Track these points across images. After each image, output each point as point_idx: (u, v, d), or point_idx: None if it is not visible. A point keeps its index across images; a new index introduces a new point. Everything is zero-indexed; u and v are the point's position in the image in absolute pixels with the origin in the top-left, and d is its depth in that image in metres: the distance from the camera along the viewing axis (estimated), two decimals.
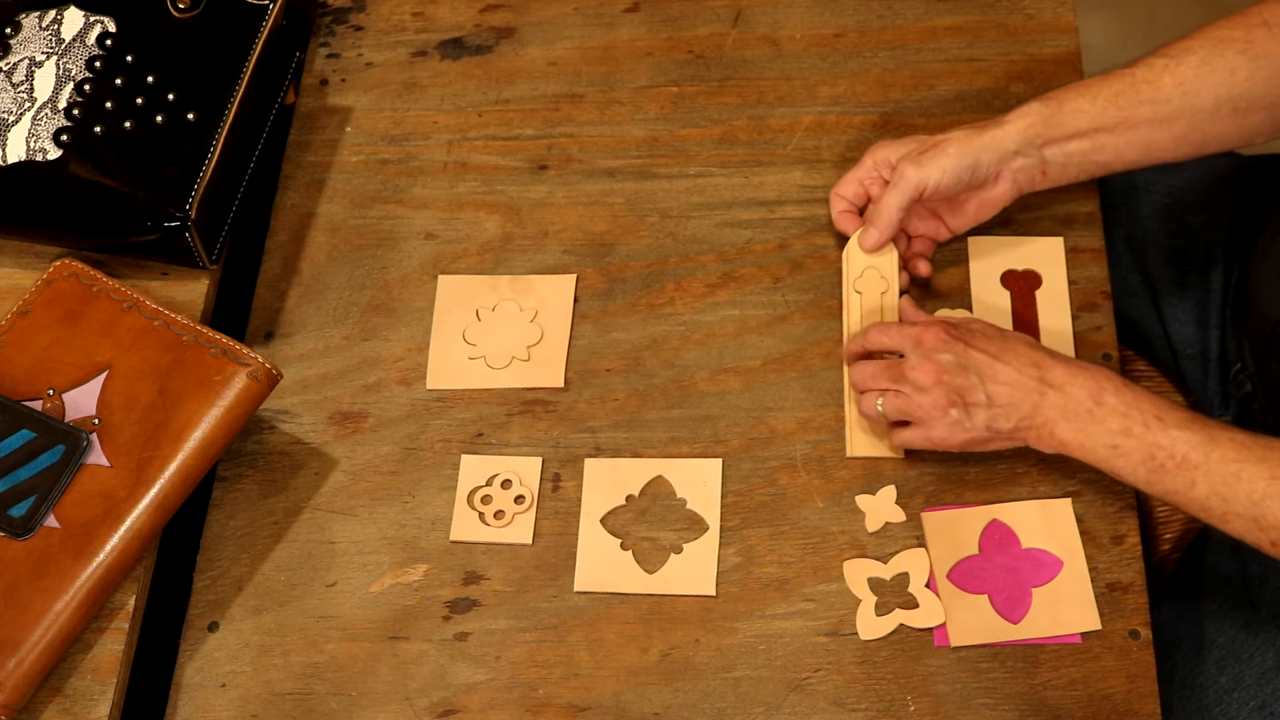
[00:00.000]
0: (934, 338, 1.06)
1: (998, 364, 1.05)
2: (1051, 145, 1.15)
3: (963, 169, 1.14)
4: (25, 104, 1.21)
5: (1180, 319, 1.30)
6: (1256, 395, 1.22)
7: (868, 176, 1.18)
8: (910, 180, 1.14)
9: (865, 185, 1.19)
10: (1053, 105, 1.15)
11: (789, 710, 1.05)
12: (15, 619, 1.05)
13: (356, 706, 1.08)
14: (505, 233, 1.26)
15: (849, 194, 1.19)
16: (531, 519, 1.13)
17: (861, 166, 1.19)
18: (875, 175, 1.18)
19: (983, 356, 1.05)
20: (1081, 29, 1.32)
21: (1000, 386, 1.04)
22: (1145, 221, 1.32)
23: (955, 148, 1.14)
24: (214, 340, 1.12)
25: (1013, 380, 1.04)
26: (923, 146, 1.15)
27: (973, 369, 1.05)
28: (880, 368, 1.10)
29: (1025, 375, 1.04)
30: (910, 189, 1.14)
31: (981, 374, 1.05)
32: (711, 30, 1.35)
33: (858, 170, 1.19)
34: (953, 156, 1.14)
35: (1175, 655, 1.16)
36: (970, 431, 1.06)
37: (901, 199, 1.14)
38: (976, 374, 1.05)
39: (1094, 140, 1.15)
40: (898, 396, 1.08)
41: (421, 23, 1.37)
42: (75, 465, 1.09)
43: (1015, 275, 1.20)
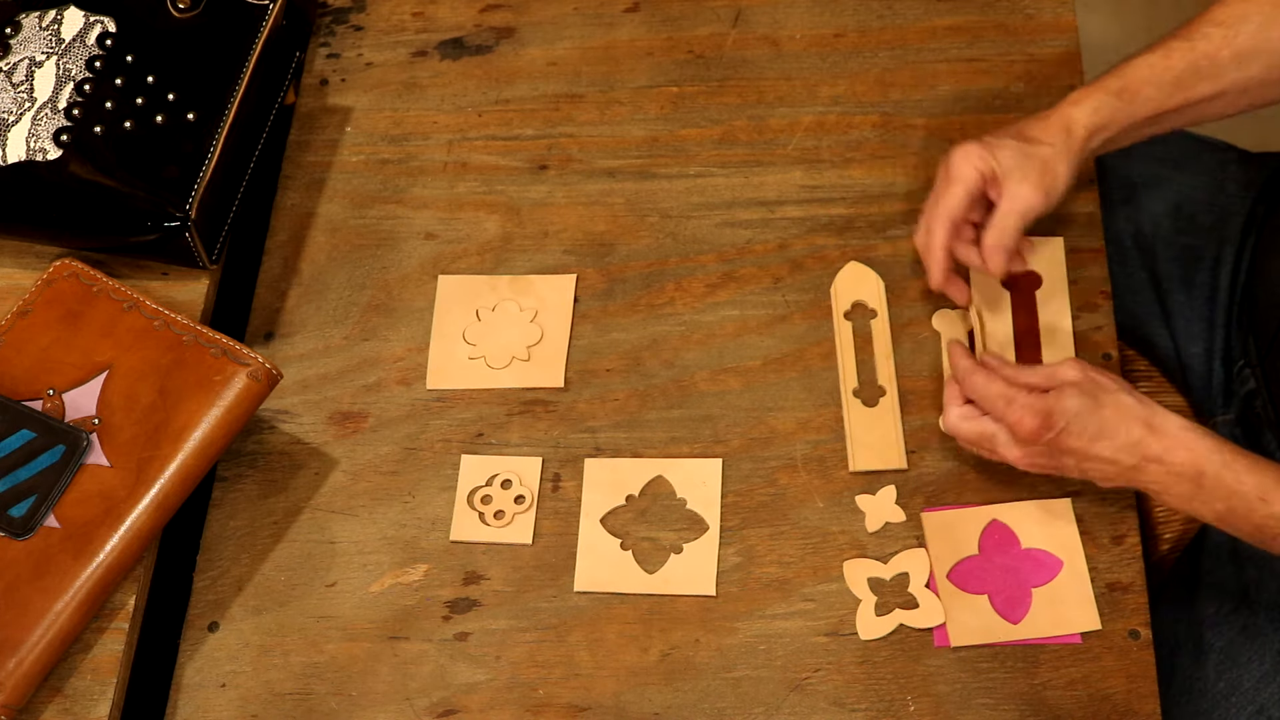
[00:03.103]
0: (1027, 431, 1.03)
1: (1094, 449, 1.03)
2: (1120, 135, 1.14)
3: (1072, 186, 1.13)
4: (25, 104, 1.21)
5: (1187, 317, 1.30)
6: (1260, 391, 1.22)
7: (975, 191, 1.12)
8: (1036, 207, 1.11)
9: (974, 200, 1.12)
10: (1125, 99, 1.12)
11: (789, 710, 1.05)
12: (15, 619, 1.05)
13: (356, 706, 1.08)
14: (505, 233, 1.26)
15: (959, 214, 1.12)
16: (531, 519, 1.13)
17: (964, 179, 1.11)
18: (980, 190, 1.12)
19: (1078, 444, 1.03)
20: (1081, 29, 1.32)
21: (1093, 466, 1.04)
22: (1155, 219, 1.32)
23: (1063, 168, 1.11)
24: (214, 340, 1.12)
25: (1108, 462, 1.03)
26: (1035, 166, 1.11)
27: (1068, 456, 1.04)
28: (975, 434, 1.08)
29: (1122, 456, 1.03)
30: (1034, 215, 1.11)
31: (1076, 457, 1.04)
32: (711, 30, 1.34)
33: (963, 184, 1.11)
34: (1065, 178, 1.11)
35: (1174, 659, 1.16)
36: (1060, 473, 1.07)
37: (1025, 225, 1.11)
38: (1071, 458, 1.04)
39: (1157, 123, 1.14)
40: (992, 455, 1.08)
41: (421, 23, 1.37)
42: (75, 465, 1.09)
43: (1015, 275, 1.20)
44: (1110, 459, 1.03)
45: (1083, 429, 1.03)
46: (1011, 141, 1.11)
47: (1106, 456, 1.03)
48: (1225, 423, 1.27)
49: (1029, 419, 1.03)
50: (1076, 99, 1.13)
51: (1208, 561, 1.19)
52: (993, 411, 1.06)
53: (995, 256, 1.11)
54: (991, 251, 1.11)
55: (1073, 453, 1.03)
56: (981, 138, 1.12)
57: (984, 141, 1.11)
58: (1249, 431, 1.25)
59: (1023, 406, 1.04)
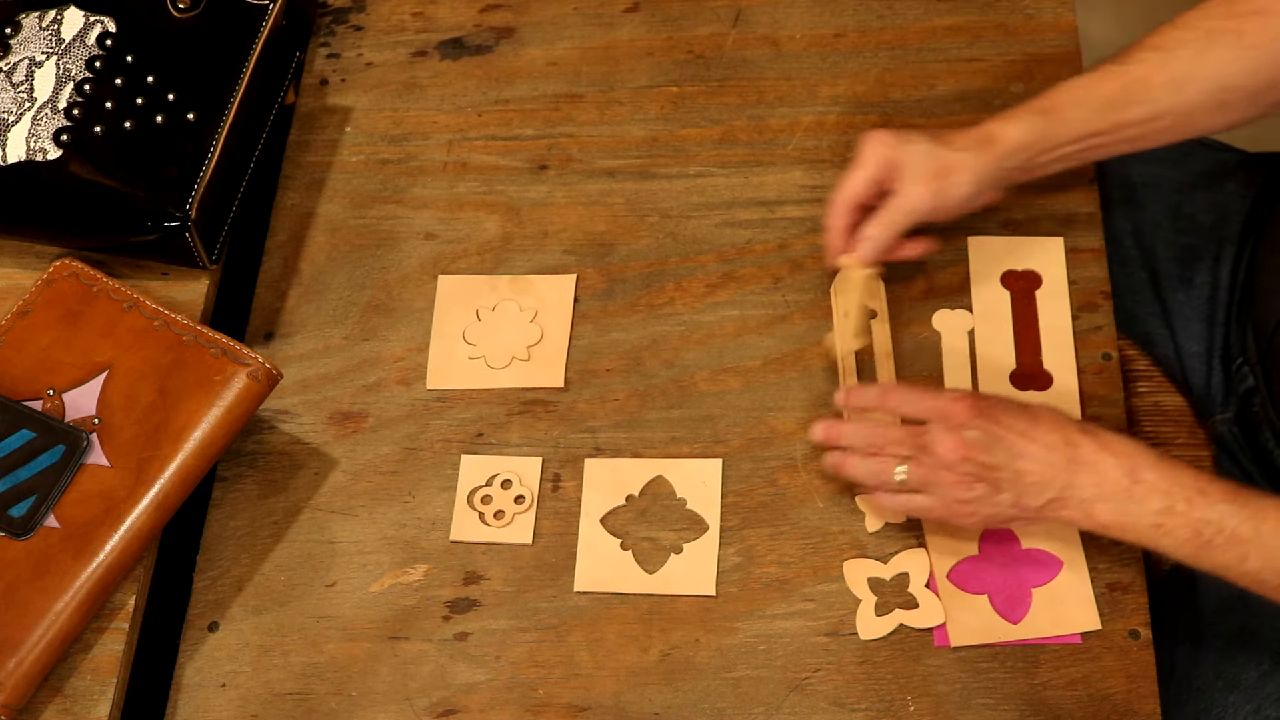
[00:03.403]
0: (961, 412, 1.02)
1: (1026, 440, 1.01)
2: (1045, 154, 1.14)
3: (971, 196, 1.13)
4: (25, 104, 1.21)
5: (1187, 316, 1.30)
6: (1258, 389, 1.22)
7: (879, 178, 1.13)
8: (925, 208, 1.12)
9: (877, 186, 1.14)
10: (1051, 118, 1.13)
11: (789, 710, 1.05)
12: (15, 619, 1.05)
13: (356, 706, 1.08)
14: (505, 233, 1.26)
15: (857, 196, 1.13)
16: (531, 519, 1.13)
17: (868, 164, 1.13)
18: (884, 178, 1.13)
19: (1011, 433, 1.01)
20: (1081, 29, 1.32)
21: (1029, 464, 1.01)
22: (1154, 218, 1.32)
23: (967, 175, 1.12)
24: (214, 340, 1.12)
25: (1042, 458, 1.01)
26: (935, 168, 1.12)
27: (1000, 447, 1.01)
28: (902, 434, 1.05)
29: (1055, 453, 1.01)
30: (921, 216, 1.13)
31: (1010, 451, 1.01)
32: (711, 30, 1.34)
33: (865, 169, 1.13)
34: (964, 186, 1.12)
35: (1172, 658, 1.16)
36: (996, 508, 1.03)
37: (910, 223, 1.13)
38: (1005, 452, 1.01)
39: (1085, 143, 1.15)
40: (921, 466, 1.04)
41: (421, 23, 1.37)
42: (75, 465, 1.09)
43: (1015, 275, 1.20)
44: (1044, 452, 1.00)
45: (1015, 419, 1.02)
46: (924, 139, 1.13)
47: (1039, 452, 1.01)
48: (1224, 421, 1.27)
49: (962, 400, 1.02)
50: (1003, 116, 1.14)
51: None
52: (921, 406, 1.04)
53: (864, 245, 1.13)
54: (863, 240, 1.13)
55: (1006, 443, 1.01)
56: (899, 129, 1.14)
57: (897, 132, 1.13)
58: (1247, 430, 1.25)
59: (954, 392, 1.03)
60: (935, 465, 1.03)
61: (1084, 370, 1.16)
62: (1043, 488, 1.01)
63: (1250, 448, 1.24)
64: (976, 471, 1.02)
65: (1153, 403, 1.30)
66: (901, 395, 1.06)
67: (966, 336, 1.18)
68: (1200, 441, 1.29)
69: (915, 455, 1.04)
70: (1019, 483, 1.01)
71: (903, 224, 1.13)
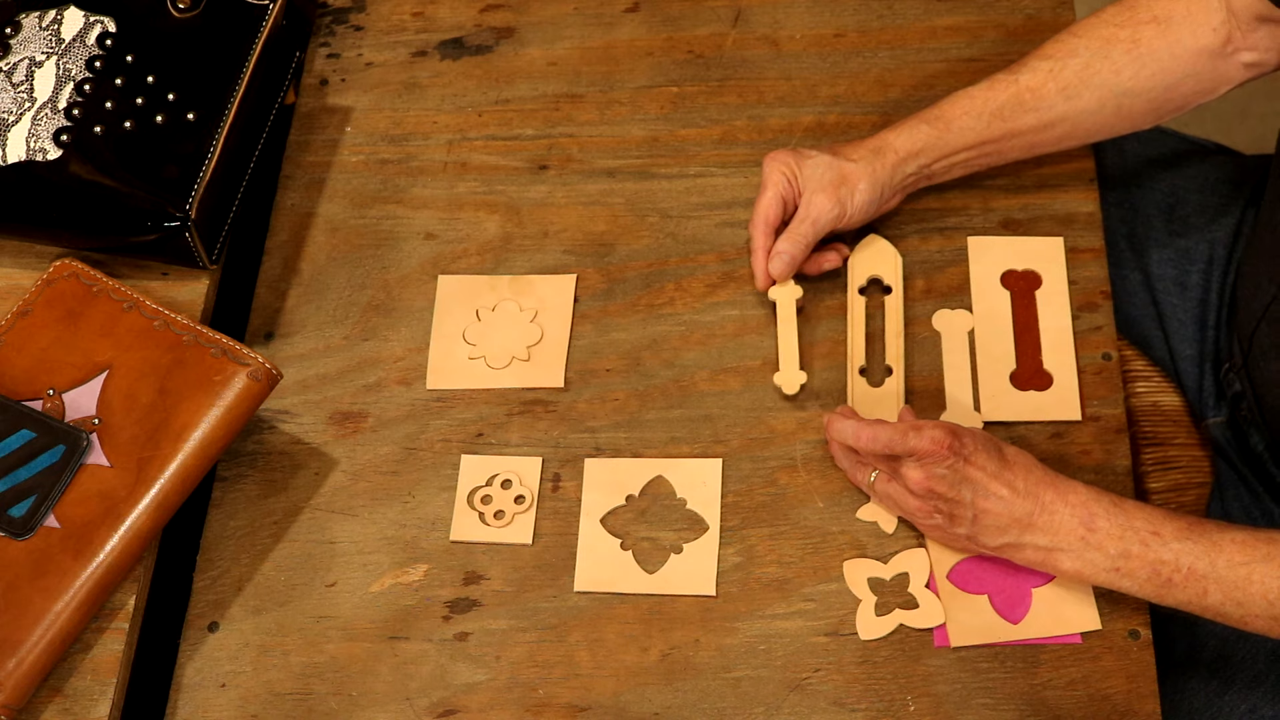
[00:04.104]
0: (934, 452, 1.02)
1: (993, 483, 1.02)
2: (939, 161, 1.18)
3: (872, 201, 1.17)
4: (25, 104, 1.21)
5: (1180, 319, 1.30)
6: (1245, 394, 1.22)
7: (787, 195, 1.17)
8: (828, 215, 1.16)
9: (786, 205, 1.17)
10: (940, 127, 1.17)
11: (789, 710, 1.05)
12: (15, 619, 1.05)
13: (356, 706, 1.08)
14: (505, 233, 1.26)
15: (775, 218, 1.17)
16: (531, 519, 1.13)
17: (773, 183, 1.17)
18: (791, 195, 1.17)
19: (979, 474, 1.02)
20: None
21: (990, 505, 1.02)
22: (1148, 220, 1.32)
23: (865, 182, 1.16)
24: (214, 340, 1.12)
25: (1005, 501, 1.02)
26: (834, 177, 1.15)
27: (965, 485, 1.03)
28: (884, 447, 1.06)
29: (1019, 499, 1.02)
30: (827, 224, 1.16)
31: (974, 490, 1.03)
32: (711, 30, 1.35)
33: (774, 189, 1.16)
34: (864, 192, 1.16)
35: (1168, 658, 1.16)
36: (951, 539, 1.06)
37: (818, 232, 1.16)
38: (970, 491, 1.03)
39: (979, 150, 1.18)
40: (890, 483, 1.07)
41: (421, 23, 1.37)
42: (75, 465, 1.09)
43: (1015, 275, 1.20)
44: (1008, 497, 1.02)
45: (987, 460, 1.03)
46: (820, 154, 1.17)
47: (1005, 494, 1.02)
48: (1217, 424, 1.27)
49: (940, 433, 1.02)
50: (894, 127, 1.18)
51: None
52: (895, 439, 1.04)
53: (777, 261, 1.16)
54: (775, 255, 1.16)
55: (974, 483, 1.02)
56: (796, 148, 1.18)
57: (794, 150, 1.18)
58: (1238, 433, 1.25)
59: (932, 426, 1.03)
60: (902, 490, 1.06)
61: (1084, 370, 1.16)
62: (1000, 532, 1.03)
63: (1242, 450, 1.25)
64: (937, 505, 1.04)
65: (1151, 402, 1.30)
66: (876, 437, 1.05)
67: (966, 336, 1.18)
68: (1198, 441, 1.29)
69: (888, 472, 1.07)
70: (978, 521, 1.03)
71: (810, 234, 1.16)
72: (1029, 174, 1.24)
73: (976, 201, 1.23)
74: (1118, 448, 1.13)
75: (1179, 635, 1.17)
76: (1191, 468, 1.26)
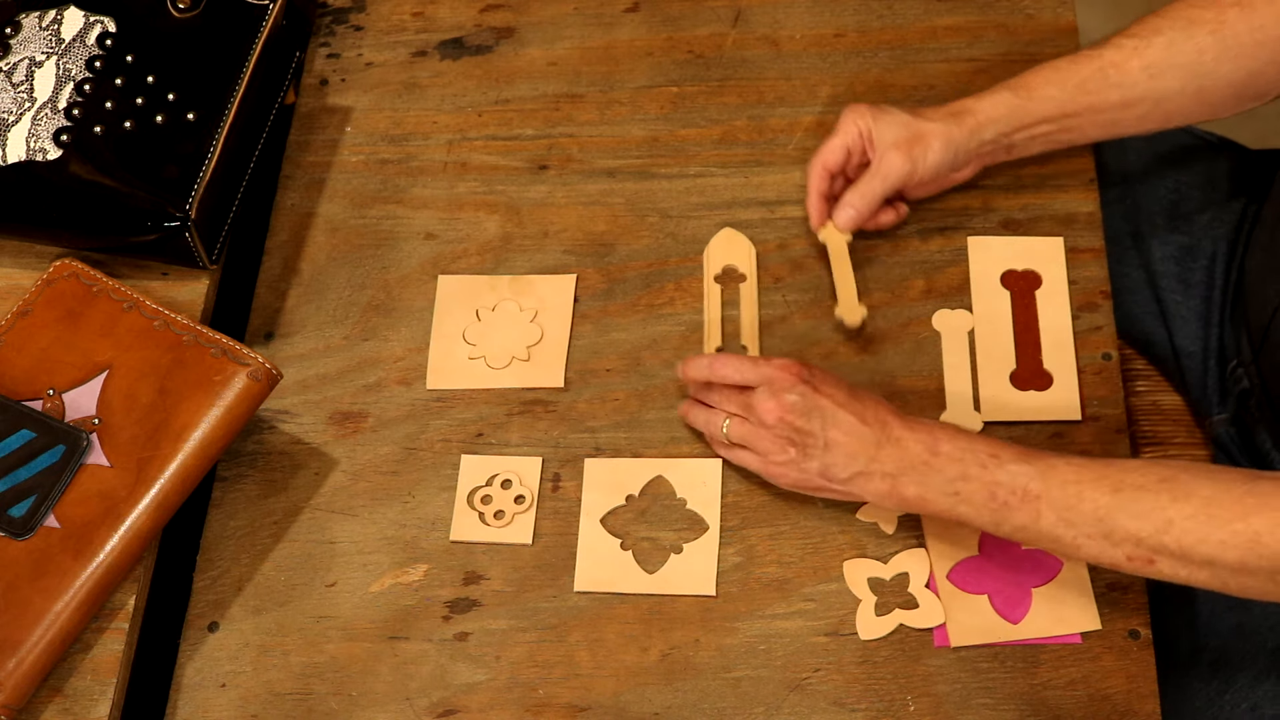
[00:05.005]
0: (785, 378, 1.06)
1: (842, 412, 1.04)
2: (1020, 131, 1.18)
3: (945, 163, 1.17)
4: (25, 104, 1.21)
5: (1184, 316, 1.30)
6: (1254, 390, 1.22)
7: (854, 147, 1.18)
8: (900, 173, 1.16)
9: (851, 155, 1.19)
10: (1023, 95, 1.17)
11: (789, 710, 1.05)
12: (15, 619, 1.05)
13: (356, 706, 1.08)
14: (505, 233, 1.26)
15: (835, 164, 1.19)
16: (531, 519, 1.13)
17: (845, 132, 1.18)
18: (860, 147, 1.18)
19: (828, 403, 1.04)
20: (1081, 29, 1.32)
21: (841, 435, 1.04)
22: (1151, 217, 1.32)
23: (940, 142, 1.16)
24: (214, 340, 1.12)
25: (854, 431, 1.04)
26: (909, 135, 1.16)
27: (817, 413, 1.04)
28: (729, 392, 1.10)
29: (867, 429, 1.04)
30: (897, 181, 1.17)
31: (825, 420, 1.04)
32: (711, 30, 1.35)
33: (843, 137, 1.18)
34: (938, 152, 1.16)
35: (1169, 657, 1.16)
36: (803, 474, 1.06)
37: (887, 189, 1.17)
38: (820, 419, 1.04)
39: (1061, 124, 1.18)
40: (743, 424, 1.08)
41: (421, 23, 1.37)
42: (75, 465, 1.09)
43: (1015, 275, 1.20)
44: (856, 425, 1.03)
45: (836, 390, 1.05)
46: (899, 112, 1.18)
47: (853, 424, 1.03)
48: (1221, 422, 1.27)
49: (790, 367, 1.06)
50: (977, 94, 1.18)
51: None
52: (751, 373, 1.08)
53: (844, 213, 1.18)
54: (843, 206, 1.18)
55: (824, 411, 1.04)
56: (876, 103, 1.19)
57: (874, 105, 1.18)
58: (1243, 432, 1.25)
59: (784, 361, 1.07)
60: (756, 424, 1.07)
61: (1084, 370, 1.16)
62: (850, 460, 1.04)
63: (1247, 449, 1.24)
64: (790, 435, 1.06)
65: (1151, 402, 1.30)
66: (729, 364, 1.10)
67: (966, 336, 1.18)
68: (1198, 441, 1.29)
69: (741, 413, 1.08)
70: (829, 450, 1.05)
71: (880, 190, 1.17)
72: (1029, 174, 1.24)
73: (976, 201, 1.23)
74: (1118, 448, 1.13)
75: (1181, 635, 1.17)
76: None
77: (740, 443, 1.09)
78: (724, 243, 1.23)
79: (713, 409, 1.11)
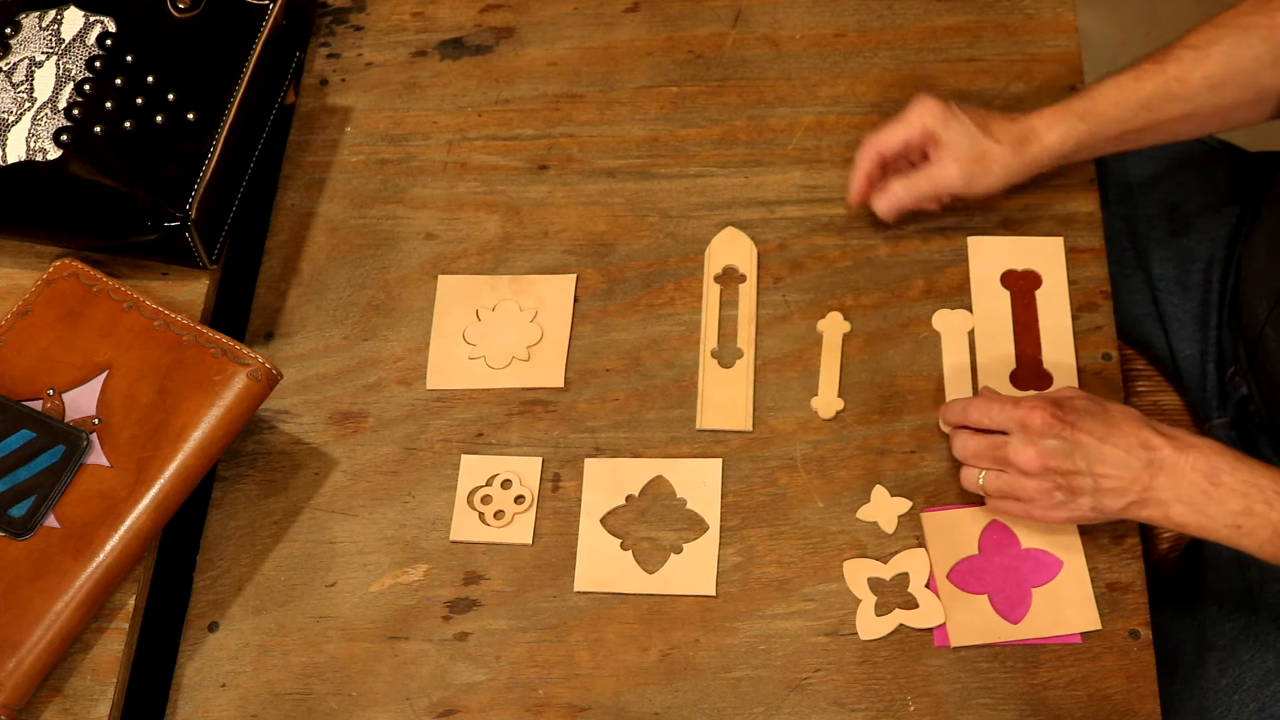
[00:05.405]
0: (1039, 421, 1.03)
1: (1105, 446, 1.02)
2: (1081, 153, 1.17)
3: (997, 188, 1.17)
4: (25, 104, 1.21)
5: (1181, 319, 1.30)
6: (1252, 397, 1.22)
7: (914, 142, 1.17)
8: (953, 185, 1.16)
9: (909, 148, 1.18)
10: (1093, 122, 1.15)
11: (789, 710, 1.05)
12: (15, 619, 1.05)
13: (356, 706, 1.08)
14: (505, 233, 1.26)
15: (890, 151, 1.18)
16: (531, 519, 1.13)
17: (910, 126, 1.17)
18: (919, 144, 1.17)
19: (1089, 439, 1.02)
20: (1081, 29, 1.32)
21: (1108, 470, 1.02)
22: (1150, 220, 1.32)
23: (1000, 168, 1.16)
24: (214, 340, 1.12)
25: (1121, 463, 1.01)
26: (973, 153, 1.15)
27: (1079, 453, 1.02)
28: (985, 446, 1.07)
29: (1133, 457, 1.01)
30: (947, 190, 1.17)
31: (1089, 458, 1.02)
32: (711, 30, 1.35)
33: (906, 129, 1.17)
34: (996, 177, 1.16)
35: (1176, 657, 1.16)
36: (1075, 512, 1.04)
37: (936, 193, 1.17)
38: (1084, 458, 1.02)
39: (1120, 140, 1.17)
40: (1000, 477, 1.06)
41: (421, 23, 1.37)
42: (75, 465, 1.09)
43: (1015, 275, 1.20)
44: (1122, 457, 1.01)
45: (1094, 424, 1.02)
46: (970, 120, 1.16)
47: (1118, 456, 1.01)
48: (1221, 426, 1.27)
49: (1041, 409, 1.03)
50: (1047, 115, 1.16)
51: (1210, 560, 1.19)
52: (1001, 417, 1.05)
53: (885, 199, 1.18)
54: (886, 193, 1.18)
55: (1085, 449, 1.02)
56: (950, 101, 1.17)
57: (948, 106, 1.16)
58: (1244, 436, 1.25)
59: (1032, 400, 1.04)
60: (1016, 474, 1.05)
61: (1084, 370, 1.16)
62: (1122, 492, 1.02)
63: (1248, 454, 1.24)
64: (1055, 480, 1.03)
65: (1151, 402, 1.30)
66: (982, 409, 1.07)
67: (966, 336, 1.18)
68: None
69: (996, 467, 1.06)
70: (1098, 488, 1.02)
71: (928, 191, 1.17)
72: None
73: (976, 201, 1.23)
74: None
75: (1187, 635, 1.17)
76: None
77: (999, 495, 1.07)
78: (726, 242, 1.22)
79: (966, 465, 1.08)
